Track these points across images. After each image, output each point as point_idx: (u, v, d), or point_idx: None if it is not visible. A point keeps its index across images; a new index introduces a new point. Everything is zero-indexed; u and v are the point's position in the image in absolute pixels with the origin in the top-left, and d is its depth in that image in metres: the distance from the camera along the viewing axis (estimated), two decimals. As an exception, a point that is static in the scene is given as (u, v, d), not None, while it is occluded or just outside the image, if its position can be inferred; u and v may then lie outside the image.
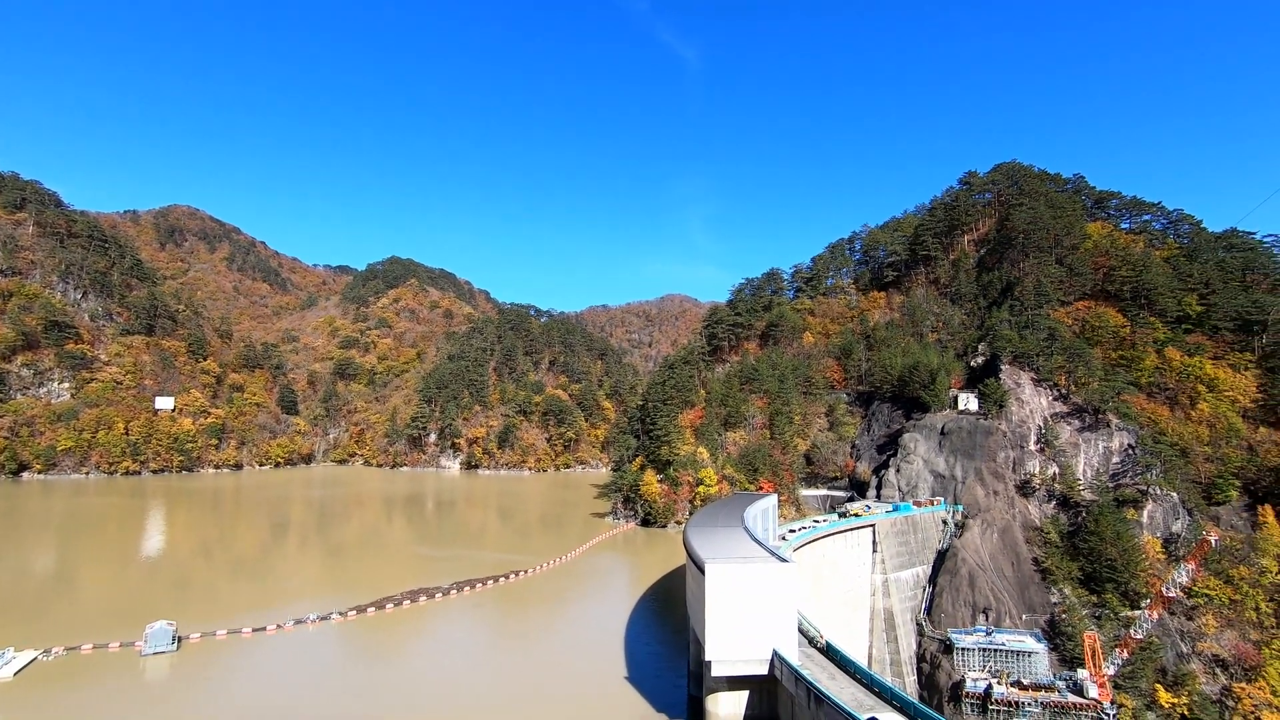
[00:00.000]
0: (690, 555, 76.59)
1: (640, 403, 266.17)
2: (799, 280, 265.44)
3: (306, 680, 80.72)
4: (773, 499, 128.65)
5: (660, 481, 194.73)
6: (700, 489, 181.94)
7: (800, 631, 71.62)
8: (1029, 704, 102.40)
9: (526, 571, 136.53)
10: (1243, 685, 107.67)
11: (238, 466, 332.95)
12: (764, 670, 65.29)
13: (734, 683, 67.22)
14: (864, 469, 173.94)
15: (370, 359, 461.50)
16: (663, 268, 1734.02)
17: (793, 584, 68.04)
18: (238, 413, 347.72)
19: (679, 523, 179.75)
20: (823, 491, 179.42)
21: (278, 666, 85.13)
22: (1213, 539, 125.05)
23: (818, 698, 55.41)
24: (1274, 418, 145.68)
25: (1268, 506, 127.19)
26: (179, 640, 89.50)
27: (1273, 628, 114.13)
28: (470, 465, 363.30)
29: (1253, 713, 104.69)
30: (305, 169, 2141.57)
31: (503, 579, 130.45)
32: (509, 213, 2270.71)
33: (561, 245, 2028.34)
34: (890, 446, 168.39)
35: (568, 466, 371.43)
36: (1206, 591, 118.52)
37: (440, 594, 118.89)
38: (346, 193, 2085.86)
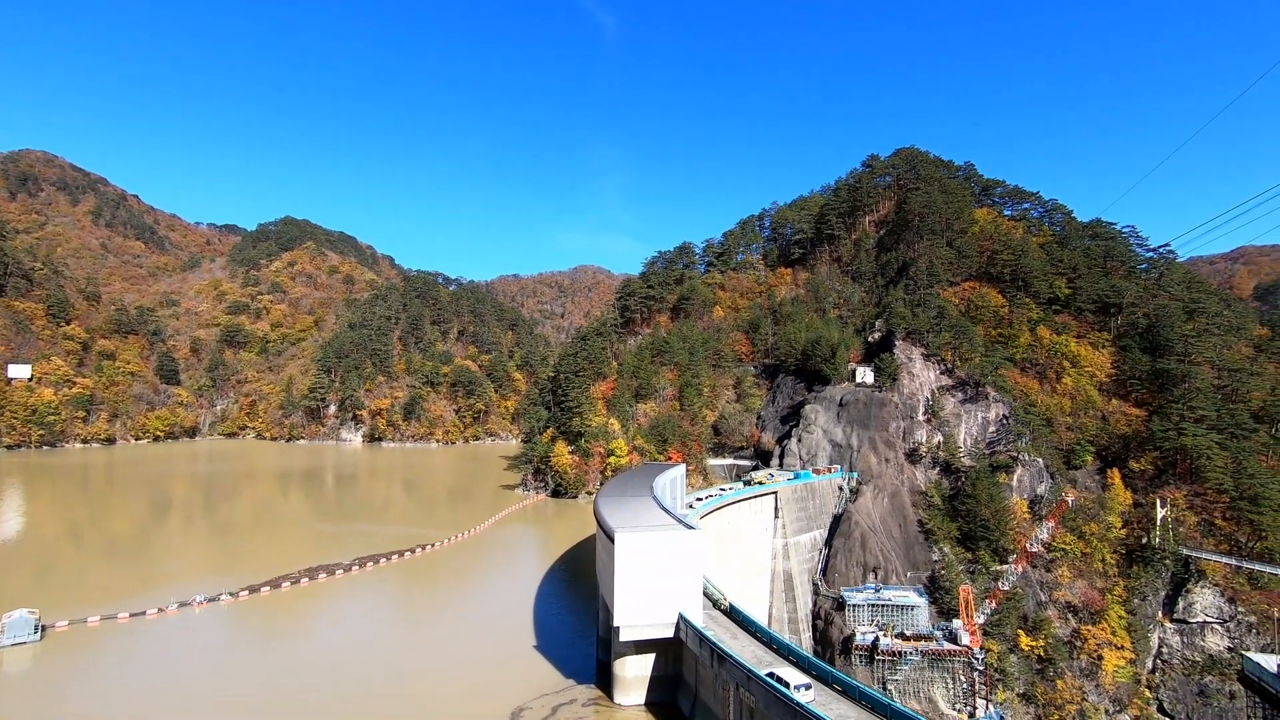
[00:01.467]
0: (600, 525, 77.65)
1: (552, 374, 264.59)
2: (710, 255, 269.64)
3: (193, 665, 76.33)
4: (681, 469, 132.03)
5: (571, 453, 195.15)
6: (611, 460, 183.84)
7: (705, 595, 74.43)
8: (910, 653, 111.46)
9: (433, 545, 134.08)
10: (1089, 627, 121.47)
11: (110, 441, 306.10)
12: (670, 633, 67.54)
13: (641, 646, 69.22)
14: (768, 439, 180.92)
15: (262, 326, 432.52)
16: (577, 238, 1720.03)
17: (699, 550, 70.41)
18: (109, 382, 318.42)
19: (589, 493, 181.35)
20: (729, 461, 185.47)
21: (159, 652, 79.97)
22: (1070, 499, 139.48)
23: (720, 657, 57.99)
24: (1124, 391, 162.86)
25: (1115, 470, 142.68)
26: (42, 629, 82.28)
27: (1115, 576, 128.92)
28: (373, 438, 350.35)
29: (1095, 651, 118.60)
30: (185, 117, 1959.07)
31: (408, 553, 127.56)
32: (416, 175, 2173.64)
33: (472, 211, 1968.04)
34: (793, 417, 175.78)
35: (477, 438, 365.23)
36: (1063, 546, 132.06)
37: (341, 571, 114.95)
38: (234, 145, 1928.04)
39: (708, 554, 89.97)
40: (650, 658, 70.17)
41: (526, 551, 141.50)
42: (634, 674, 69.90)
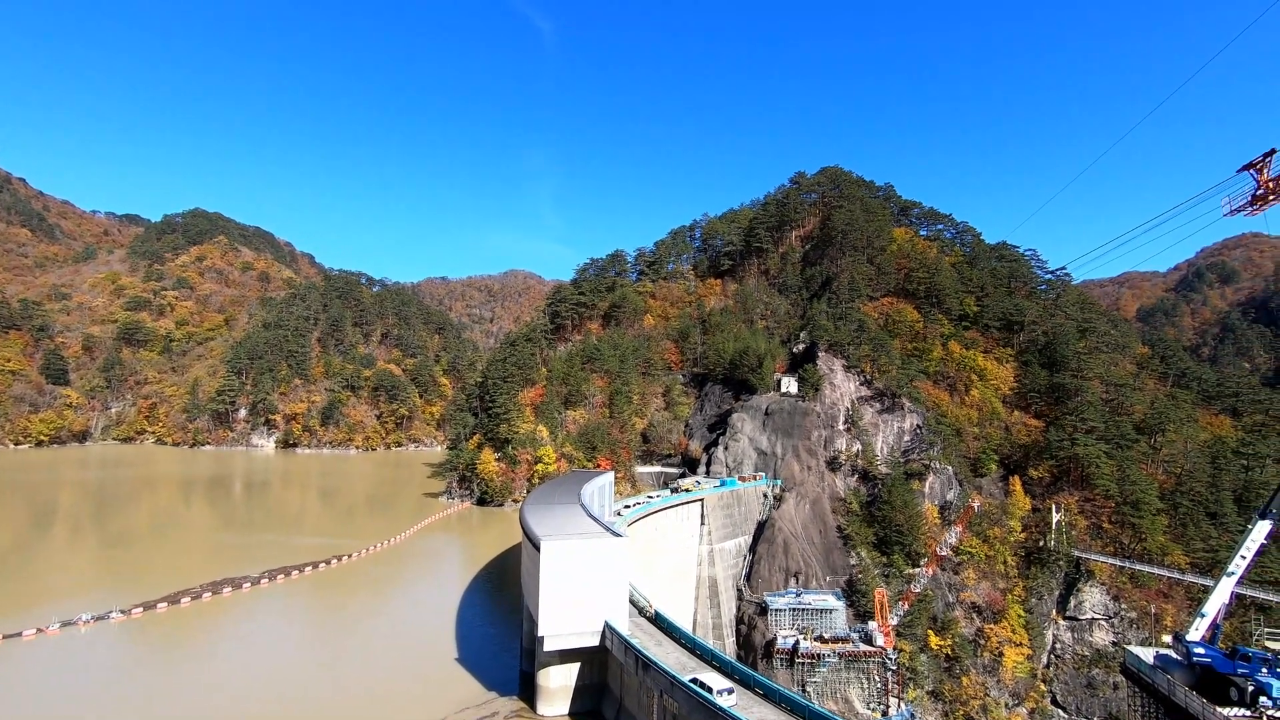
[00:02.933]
0: (526, 533, 76.61)
1: (480, 379, 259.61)
2: (642, 263, 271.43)
3: (75, 691, 70.22)
4: (609, 476, 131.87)
5: (498, 460, 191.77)
6: (539, 467, 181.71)
7: (631, 602, 74.54)
8: (829, 655, 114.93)
9: (350, 556, 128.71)
10: (991, 626, 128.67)
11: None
12: (596, 642, 67.22)
13: (566, 655, 68.57)
14: (696, 447, 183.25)
15: (166, 324, 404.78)
16: (508, 242, 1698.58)
17: (626, 558, 70.50)
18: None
19: (516, 501, 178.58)
20: (657, 468, 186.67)
21: (36, 678, 73.16)
22: (976, 505, 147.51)
23: (645, 664, 58.17)
24: (1025, 403, 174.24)
25: (1016, 477, 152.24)
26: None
27: (1015, 577, 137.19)
28: (288, 444, 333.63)
29: (997, 648, 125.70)
30: (81, 94, 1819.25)
31: (323, 564, 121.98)
32: (340, 171, 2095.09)
33: (400, 211, 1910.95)
34: (720, 426, 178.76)
35: (399, 445, 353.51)
36: (969, 550, 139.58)
37: (249, 584, 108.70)
38: (137, 128, 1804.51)
39: (635, 561, 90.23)
40: (575, 667, 69.61)
41: (450, 561, 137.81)
42: (558, 684, 69.15)
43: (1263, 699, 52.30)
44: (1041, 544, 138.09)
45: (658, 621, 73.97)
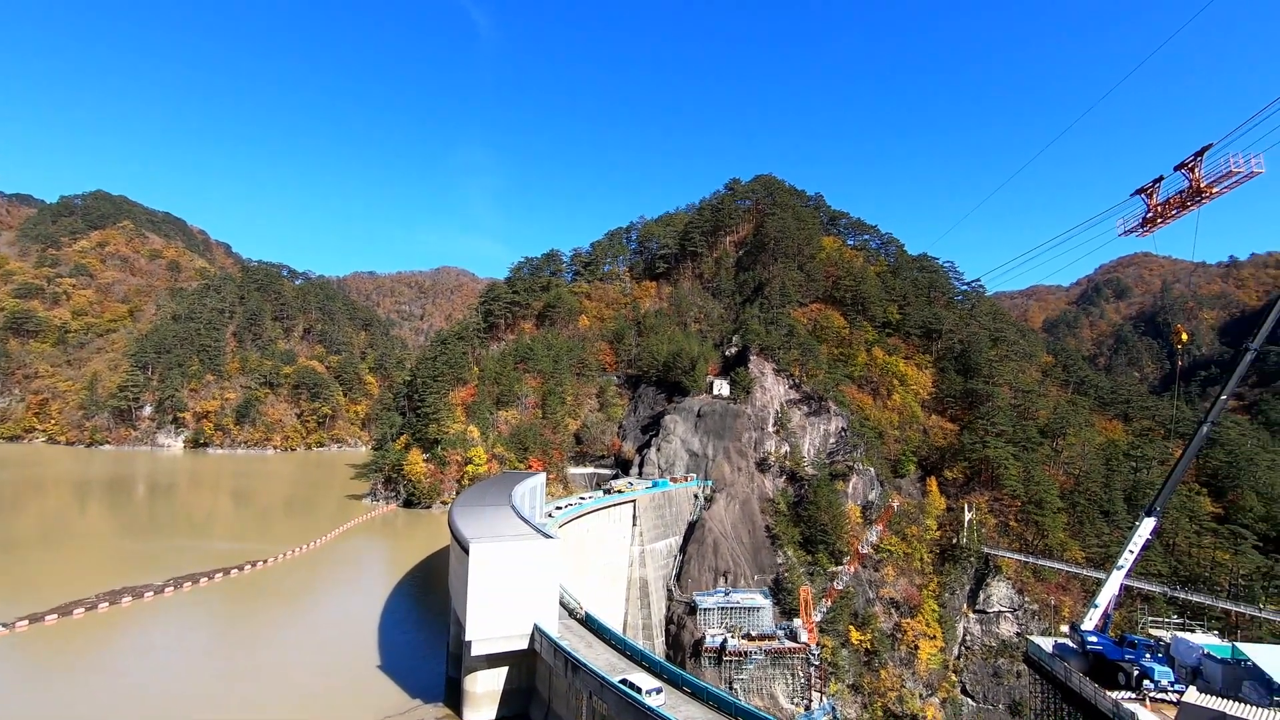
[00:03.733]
0: (455, 535, 74.93)
1: (408, 378, 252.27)
2: (578, 264, 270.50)
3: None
4: (541, 477, 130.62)
5: (426, 460, 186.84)
6: (469, 468, 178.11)
7: (562, 604, 73.98)
8: (755, 652, 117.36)
9: (266, 561, 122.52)
10: (908, 620, 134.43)
11: None
12: (525, 645, 66.39)
13: (494, 660, 67.42)
14: (629, 448, 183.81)
15: (61, 313, 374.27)
16: (440, 238, 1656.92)
17: (557, 559, 69.94)
18: None
19: (445, 503, 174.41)
20: (590, 470, 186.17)
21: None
22: (895, 505, 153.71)
23: (574, 666, 57.86)
24: (941, 407, 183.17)
25: (933, 478, 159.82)
26: None
27: (930, 573, 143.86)
28: (198, 444, 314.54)
29: (913, 641, 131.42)
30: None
31: (235, 571, 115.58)
32: (260, 157, 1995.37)
33: (325, 201, 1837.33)
34: (653, 427, 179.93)
35: (321, 445, 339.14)
36: (889, 547, 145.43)
37: (152, 593, 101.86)
38: (30, 102, 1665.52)
39: (566, 563, 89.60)
40: (503, 671, 68.54)
41: (373, 566, 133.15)
42: (485, 689, 67.90)
43: (1146, 682, 56.55)
44: (955, 541, 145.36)
45: (588, 623, 73.70)
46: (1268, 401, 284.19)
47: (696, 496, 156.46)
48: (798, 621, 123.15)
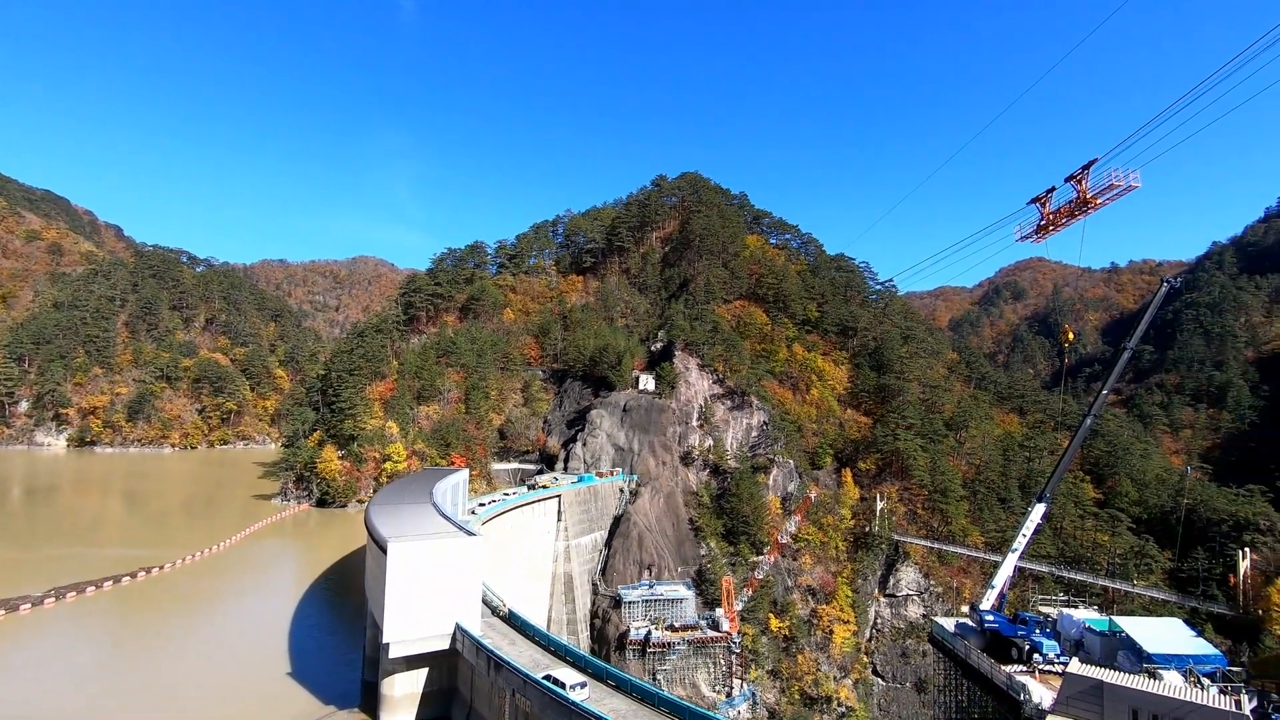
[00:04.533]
0: (372, 535, 72.39)
1: (323, 372, 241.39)
2: (503, 256, 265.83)
3: None
4: (464, 473, 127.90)
5: (342, 458, 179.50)
6: (388, 465, 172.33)
7: (485, 603, 72.83)
8: (678, 643, 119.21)
9: (162, 568, 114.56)
10: (824, 607, 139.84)
11: None
12: (446, 645, 64.98)
13: (413, 661, 65.65)
14: (554, 443, 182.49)
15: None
16: (358, 226, 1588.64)
17: (479, 557, 68.73)
18: None
19: (361, 502, 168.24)
20: (514, 465, 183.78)
21: None
22: (813, 496, 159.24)
23: (497, 664, 57.11)
24: (856, 402, 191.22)
25: (848, 470, 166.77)
26: None
27: (845, 561, 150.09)
28: (84, 441, 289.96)
29: (828, 626, 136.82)
30: None
31: (127, 579, 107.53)
32: (157, 134, 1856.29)
33: (230, 184, 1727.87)
34: (579, 422, 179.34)
35: (225, 443, 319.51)
36: (807, 537, 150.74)
37: (29, 605, 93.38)
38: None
39: (489, 560, 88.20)
40: (423, 673, 66.82)
41: (283, 569, 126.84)
42: (404, 692, 66.01)
43: (1036, 656, 61.18)
44: (867, 530, 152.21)
45: (511, 620, 72.87)
46: (1141, 396, 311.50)
47: (622, 491, 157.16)
48: (720, 611, 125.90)
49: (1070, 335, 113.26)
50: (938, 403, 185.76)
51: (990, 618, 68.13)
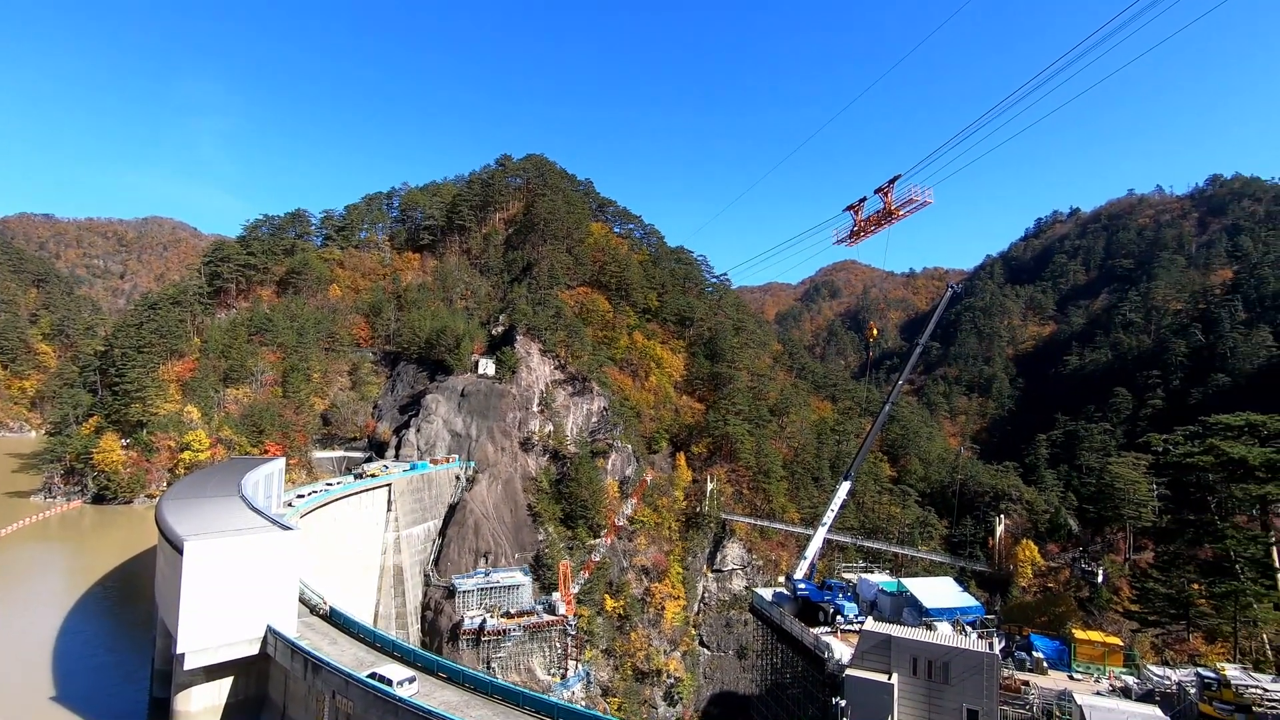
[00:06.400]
0: (164, 533, 64.04)
1: (103, 348, 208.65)
2: (330, 228, 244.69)
3: None
4: (280, 463, 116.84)
5: (127, 447, 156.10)
6: (186, 455, 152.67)
7: (303, 601, 67.58)
8: (514, 629, 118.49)
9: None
10: (657, 585, 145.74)
11: None
12: (255, 650, 59.39)
13: (214, 671, 59.20)
14: (385, 429, 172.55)
15: None
16: (153, 182, 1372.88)
17: (295, 553, 63.40)
18: None
19: (153, 496, 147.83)
20: (340, 453, 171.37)
21: None
22: (649, 479, 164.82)
23: (315, 665, 53.27)
24: (691, 389, 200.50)
25: (681, 453, 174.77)
26: None
27: (677, 540, 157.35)
28: None
29: (660, 603, 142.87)
30: None
31: None
32: None
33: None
34: (413, 407, 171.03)
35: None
36: (642, 519, 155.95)
37: None
38: None
39: (309, 555, 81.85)
40: (226, 682, 60.47)
41: (48, 577, 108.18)
42: (203, 705, 59.31)
43: (839, 618, 68.34)
44: (698, 510, 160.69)
45: (333, 618, 68.15)
46: (929, 386, 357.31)
47: (458, 478, 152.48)
48: (556, 595, 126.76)
49: (875, 331, 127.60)
50: (764, 390, 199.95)
51: (802, 586, 75.00)
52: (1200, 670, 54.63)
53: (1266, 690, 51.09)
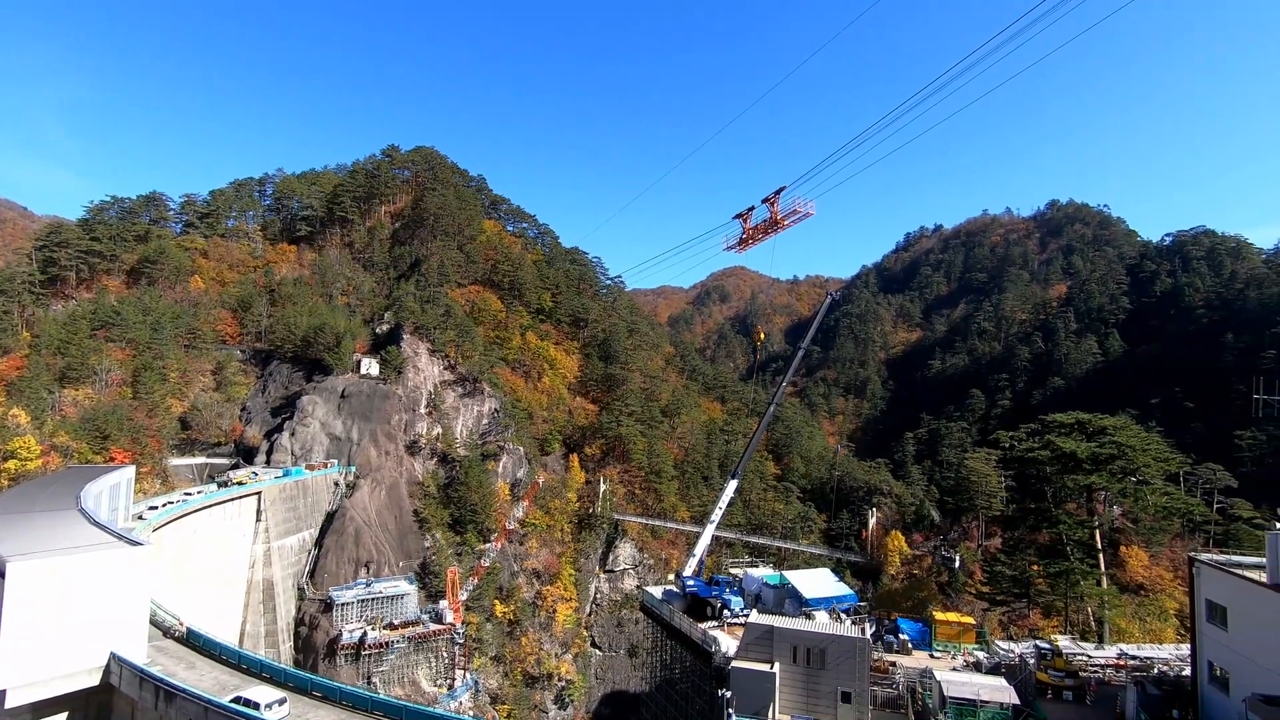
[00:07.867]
0: (-16, 555, 56.10)
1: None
2: (192, 214, 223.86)
3: None
4: (129, 471, 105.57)
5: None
6: (12, 465, 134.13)
7: (155, 623, 61.47)
8: (398, 641, 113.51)
9: None
10: (548, 587, 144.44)
11: None
12: (96, 680, 53.23)
13: (44, 709, 52.48)
14: (255, 433, 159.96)
15: None
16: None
17: (146, 571, 57.46)
18: None
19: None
20: (202, 460, 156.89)
21: None
22: (541, 481, 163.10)
23: (168, 693, 48.49)
24: (585, 390, 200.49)
25: (575, 455, 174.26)
26: None
27: (569, 542, 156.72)
28: None
29: (552, 606, 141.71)
30: None
31: None
32: None
33: None
34: (287, 409, 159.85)
35: None
36: (534, 521, 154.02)
37: None
38: None
39: (164, 573, 74.53)
40: (61, 719, 53.85)
41: None
42: (30, 747, 52.50)
43: (726, 612, 70.57)
44: (591, 511, 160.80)
45: (190, 640, 62.38)
46: (811, 388, 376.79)
47: (337, 484, 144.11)
48: (444, 603, 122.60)
49: (762, 335, 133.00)
50: (656, 392, 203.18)
51: (690, 582, 76.86)
52: (1038, 642, 61.56)
53: (1090, 657, 58.50)
